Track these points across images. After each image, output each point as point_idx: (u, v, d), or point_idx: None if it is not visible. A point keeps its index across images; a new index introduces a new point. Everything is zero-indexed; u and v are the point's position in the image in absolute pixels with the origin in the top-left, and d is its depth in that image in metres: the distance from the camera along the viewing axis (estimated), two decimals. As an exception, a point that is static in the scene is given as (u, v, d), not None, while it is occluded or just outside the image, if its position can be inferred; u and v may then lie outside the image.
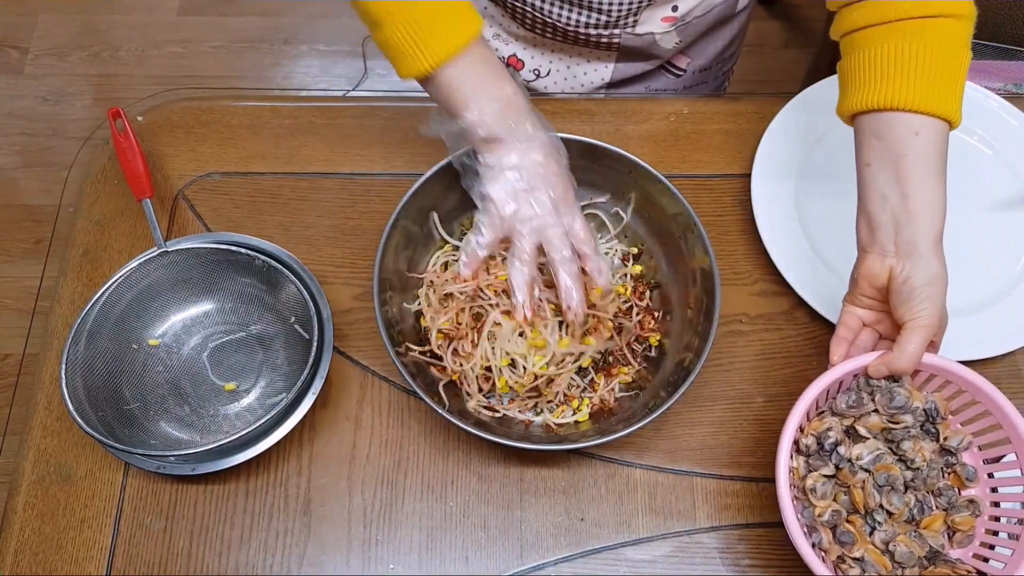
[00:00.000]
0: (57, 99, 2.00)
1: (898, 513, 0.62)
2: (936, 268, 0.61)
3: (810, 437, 0.65)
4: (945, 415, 0.65)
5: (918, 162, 0.60)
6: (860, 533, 0.62)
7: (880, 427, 0.64)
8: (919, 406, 0.65)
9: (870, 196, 0.63)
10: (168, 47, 2.09)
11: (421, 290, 0.77)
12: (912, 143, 0.61)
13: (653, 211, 0.77)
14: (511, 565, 0.70)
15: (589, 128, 0.89)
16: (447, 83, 0.66)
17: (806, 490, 0.63)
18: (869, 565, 0.60)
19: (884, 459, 0.63)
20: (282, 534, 0.71)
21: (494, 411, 0.72)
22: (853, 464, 0.63)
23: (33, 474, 0.73)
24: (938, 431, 0.65)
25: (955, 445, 0.64)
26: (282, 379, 0.75)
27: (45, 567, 0.69)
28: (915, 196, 0.60)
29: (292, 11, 2.14)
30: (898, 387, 0.64)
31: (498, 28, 0.95)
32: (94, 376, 0.70)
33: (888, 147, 0.61)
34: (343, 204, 0.85)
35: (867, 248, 0.64)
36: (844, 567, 0.61)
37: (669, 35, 0.89)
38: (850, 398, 0.65)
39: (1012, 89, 1.27)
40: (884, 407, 0.64)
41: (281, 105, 0.91)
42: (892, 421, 0.64)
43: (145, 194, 0.79)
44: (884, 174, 0.62)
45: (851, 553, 0.61)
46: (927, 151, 0.61)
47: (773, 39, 2.10)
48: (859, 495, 0.63)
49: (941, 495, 0.63)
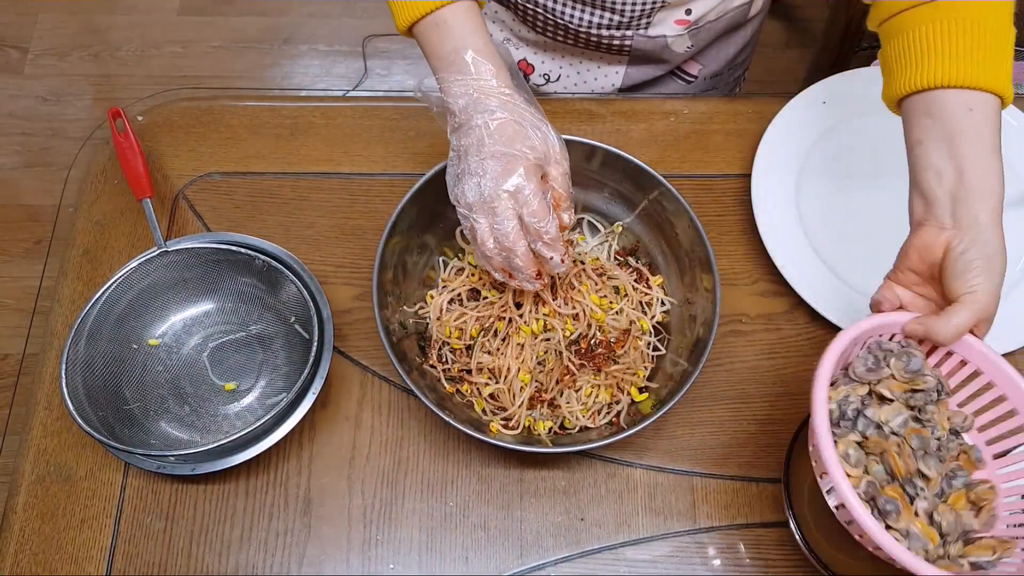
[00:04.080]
0: (57, 99, 2.00)
1: (933, 480, 0.57)
2: (996, 243, 0.58)
3: (833, 403, 0.60)
4: (950, 393, 0.62)
5: (974, 139, 0.58)
6: (902, 501, 0.56)
7: (903, 389, 0.60)
8: (930, 378, 0.60)
9: (924, 173, 0.60)
10: (168, 47, 2.09)
11: (434, 297, 0.77)
12: (967, 120, 0.59)
13: (654, 213, 0.78)
14: (511, 565, 0.70)
15: (590, 128, 0.89)
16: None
17: None
18: (915, 538, 0.55)
19: (911, 423, 0.59)
20: (282, 534, 0.71)
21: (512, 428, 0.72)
22: (883, 428, 0.58)
23: (33, 474, 0.73)
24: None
25: (959, 424, 0.61)
26: (282, 379, 0.75)
27: (45, 567, 0.69)
28: (972, 171, 0.58)
29: (292, 11, 2.14)
30: (913, 350, 0.60)
31: (508, 32, 0.94)
32: (94, 376, 0.70)
33: (941, 124, 0.59)
34: (343, 204, 0.85)
35: (922, 221, 0.61)
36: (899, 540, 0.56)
37: (682, 38, 0.88)
38: (868, 361, 0.60)
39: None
40: (900, 372, 0.60)
41: (281, 105, 0.91)
42: (913, 386, 0.60)
43: (145, 194, 0.79)
44: (938, 151, 0.59)
45: (896, 524, 0.55)
46: (982, 128, 0.59)
47: (773, 39, 2.10)
48: (897, 460, 0.57)
49: (955, 476, 0.59)
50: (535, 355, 0.72)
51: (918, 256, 0.61)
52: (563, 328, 0.73)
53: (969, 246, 0.58)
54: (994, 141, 0.59)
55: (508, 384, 0.72)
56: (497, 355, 0.73)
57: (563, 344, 0.72)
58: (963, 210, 0.58)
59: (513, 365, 0.72)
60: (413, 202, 0.73)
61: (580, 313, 0.74)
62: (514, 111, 0.62)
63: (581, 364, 0.72)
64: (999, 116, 0.60)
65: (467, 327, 0.74)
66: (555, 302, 0.73)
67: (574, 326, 0.73)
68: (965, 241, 0.58)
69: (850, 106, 0.89)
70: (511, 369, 0.72)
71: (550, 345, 0.73)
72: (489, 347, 0.74)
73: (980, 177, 0.58)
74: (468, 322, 0.74)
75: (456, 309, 0.76)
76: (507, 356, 0.72)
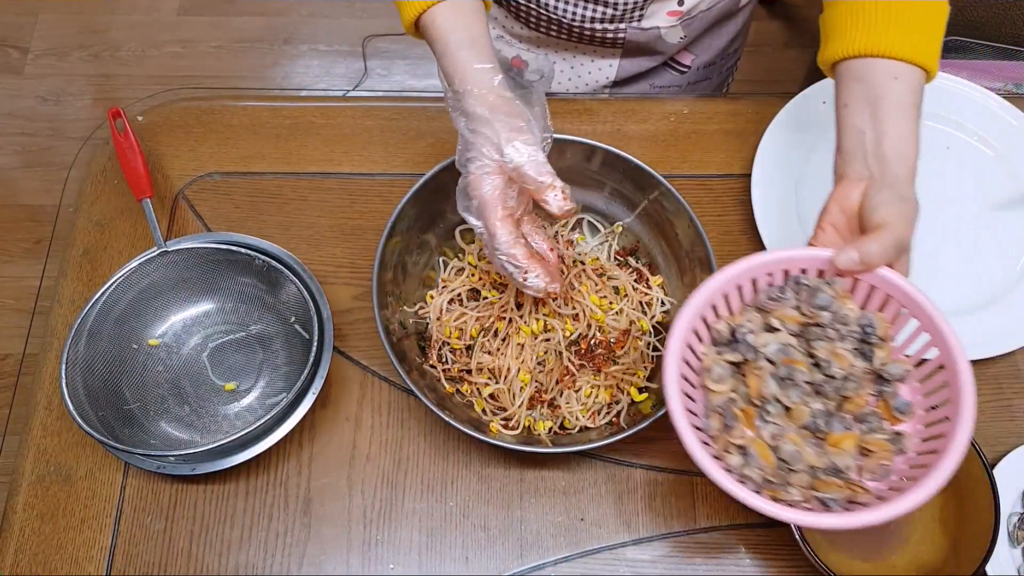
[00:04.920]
0: (57, 99, 2.00)
1: (795, 410, 0.57)
2: (910, 195, 0.60)
3: (723, 324, 0.60)
4: (886, 338, 0.60)
5: (896, 105, 0.61)
6: (749, 421, 0.57)
7: (796, 321, 0.60)
8: (849, 315, 0.59)
9: (847, 132, 0.63)
10: (168, 47, 2.09)
11: (434, 297, 0.77)
12: (891, 87, 0.62)
13: (654, 213, 0.78)
14: (511, 565, 0.70)
15: (590, 128, 0.89)
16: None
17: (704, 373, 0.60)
18: (753, 458, 0.56)
19: (792, 353, 0.58)
20: (282, 534, 0.71)
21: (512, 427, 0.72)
22: (757, 353, 0.59)
23: (33, 474, 0.73)
24: (873, 353, 0.59)
25: (893, 373, 0.59)
26: (282, 379, 0.75)
27: (45, 567, 0.69)
28: (891, 134, 0.61)
29: (292, 11, 2.14)
30: (825, 285, 0.60)
31: (501, 30, 0.95)
32: (94, 376, 0.70)
33: (867, 89, 0.63)
34: (343, 204, 0.85)
35: (843, 175, 0.63)
36: (727, 455, 0.57)
37: (674, 29, 0.89)
38: (773, 291, 0.61)
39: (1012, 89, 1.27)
40: (806, 303, 0.60)
41: (281, 105, 0.91)
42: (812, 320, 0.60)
43: (145, 194, 0.79)
44: (861, 114, 0.62)
45: (732, 438, 0.57)
46: (904, 96, 0.62)
47: (773, 39, 2.10)
48: (754, 382, 0.58)
49: (864, 422, 0.58)
50: (535, 355, 0.72)
51: (838, 208, 0.62)
52: (563, 328, 0.73)
53: (884, 189, 0.60)
54: (915, 111, 0.62)
55: (508, 384, 0.72)
56: (497, 355, 0.73)
57: (563, 344, 0.73)
58: (881, 166, 0.61)
59: (513, 365, 0.72)
60: (413, 202, 0.73)
61: (580, 313, 0.74)
62: (482, 107, 0.62)
63: (581, 364, 0.72)
64: (922, 88, 0.63)
65: (467, 327, 0.74)
66: (555, 302, 0.73)
67: (574, 326, 0.73)
68: (882, 187, 0.60)
69: (850, 106, 0.89)
70: (511, 369, 0.72)
71: (550, 345, 0.73)
72: (489, 347, 0.74)
73: (898, 139, 0.61)
74: (468, 322, 0.74)
75: (456, 309, 0.76)
76: (507, 356, 0.72)
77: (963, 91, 0.90)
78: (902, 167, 0.60)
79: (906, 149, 0.61)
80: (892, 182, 0.60)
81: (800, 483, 0.55)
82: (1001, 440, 0.75)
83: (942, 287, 0.81)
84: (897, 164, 0.60)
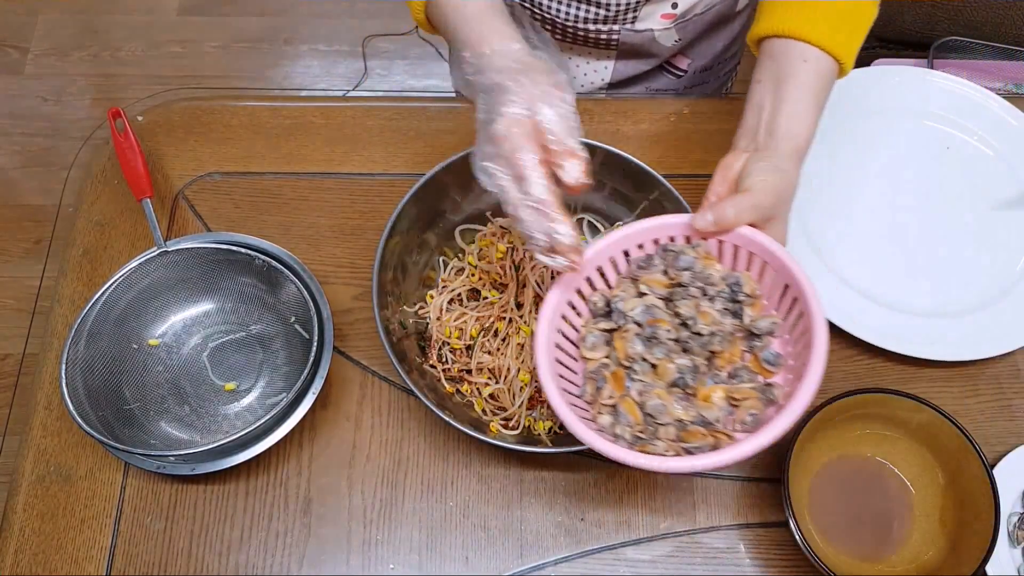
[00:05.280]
0: (57, 99, 2.00)
1: (661, 367, 0.59)
2: (787, 168, 0.61)
3: (599, 296, 0.63)
4: (753, 295, 0.61)
5: (798, 85, 0.63)
6: (618, 382, 0.60)
7: (663, 284, 0.62)
8: (713, 275, 0.61)
9: (749, 108, 0.65)
10: (168, 47, 2.09)
11: (434, 297, 0.77)
12: (798, 68, 0.63)
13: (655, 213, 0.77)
14: (511, 565, 0.70)
15: (589, 128, 0.89)
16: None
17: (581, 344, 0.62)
18: (622, 415, 0.58)
19: (657, 314, 0.60)
20: (282, 534, 0.71)
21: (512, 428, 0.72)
22: (626, 317, 0.61)
23: (33, 474, 0.73)
24: (743, 311, 0.61)
25: (761, 327, 0.60)
26: (282, 379, 0.75)
27: (45, 567, 0.69)
28: (786, 112, 0.62)
29: (292, 11, 2.14)
30: (689, 248, 0.62)
31: None
32: (94, 376, 0.70)
33: (777, 68, 0.64)
34: (343, 204, 0.85)
35: (733, 147, 0.65)
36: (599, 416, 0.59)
37: (668, 32, 0.88)
38: (643, 259, 0.63)
39: (1012, 89, 1.27)
40: (672, 267, 0.62)
41: (281, 105, 0.91)
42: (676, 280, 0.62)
43: (145, 194, 0.79)
44: (766, 90, 0.64)
45: (601, 398, 0.59)
46: (809, 78, 0.63)
47: (773, 39, 2.10)
48: (620, 344, 0.60)
49: (736, 376, 0.60)
50: (535, 355, 0.72)
51: (721, 178, 0.63)
52: None
53: (762, 160, 0.61)
54: (817, 96, 0.63)
55: (508, 384, 0.72)
56: (497, 355, 0.73)
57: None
58: (768, 140, 0.62)
59: (513, 365, 0.72)
60: (413, 202, 0.73)
61: None
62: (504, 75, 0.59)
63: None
64: (831, 77, 0.64)
65: (467, 327, 0.74)
66: None
67: None
68: (761, 158, 0.61)
69: (849, 106, 0.89)
70: (511, 369, 0.72)
71: (550, 345, 0.73)
72: (489, 347, 0.74)
73: (791, 117, 0.62)
74: (468, 322, 0.74)
75: (456, 309, 0.76)
76: (507, 356, 0.72)
77: (963, 91, 0.90)
78: (787, 143, 0.62)
79: (797, 128, 0.62)
80: (772, 155, 0.61)
81: (667, 436, 0.57)
82: (1001, 440, 0.75)
83: (943, 287, 0.81)
84: (784, 140, 0.62)
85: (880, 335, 0.76)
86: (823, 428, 0.70)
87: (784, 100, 0.63)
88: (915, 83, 0.91)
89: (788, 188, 0.61)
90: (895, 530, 0.71)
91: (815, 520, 0.71)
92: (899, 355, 0.76)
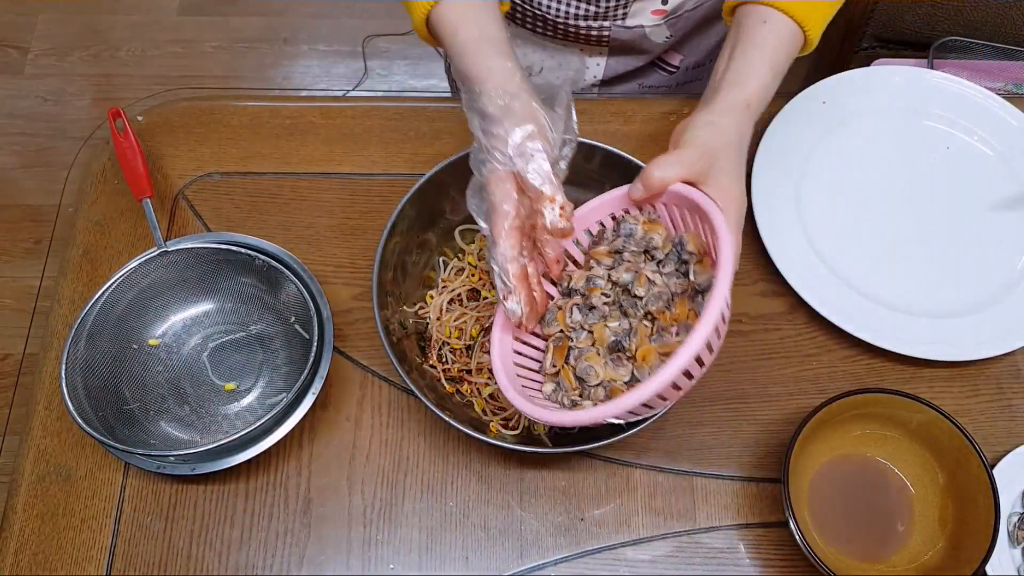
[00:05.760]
0: (57, 99, 2.00)
1: (597, 332, 0.61)
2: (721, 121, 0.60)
3: (566, 275, 0.65)
4: (698, 252, 0.61)
5: (753, 45, 0.63)
6: (559, 352, 0.63)
7: (606, 255, 0.64)
8: (656, 239, 0.62)
9: (712, 73, 0.66)
10: (168, 47, 2.09)
11: (434, 297, 0.77)
12: (756, 29, 0.64)
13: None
14: (511, 565, 0.70)
15: (587, 128, 0.89)
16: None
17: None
18: (561, 382, 0.62)
19: (597, 283, 0.63)
20: (282, 534, 0.71)
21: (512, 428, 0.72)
22: (572, 290, 0.64)
23: (33, 474, 0.73)
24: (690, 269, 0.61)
25: (700, 283, 0.60)
26: (282, 379, 0.75)
27: (45, 567, 0.69)
28: (736, 66, 0.63)
29: (292, 11, 2.14)
30: (631, 217, 0.63)
31: None
32: (94, 376, 0.70)
33: (740, 31, 0.65)
34: (343, 204, 0.85)
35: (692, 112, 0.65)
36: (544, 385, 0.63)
37: (659, 28, 0.89)
38: (597, 235, 0.65)
39: (1012, 89, 1.27)
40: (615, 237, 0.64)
41: (281, 105, 0.91)
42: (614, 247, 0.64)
43: (145, 194, 0.79)
44: (726, 51, 0.65)
45: (547, 370, 0.63)
46: (766, 38, 0.64)
47: (773, 39, 2.10)
48: (560, 315, 0.63)
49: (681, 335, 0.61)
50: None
51: (673, 143, 0.64)
52: None
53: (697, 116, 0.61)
54: (772, 55, 0.64)
55: None
56: None
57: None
58: (712, 95, 0.62)
59: (513, 365, 0.72)
60: (413, 202, 0.73)
61: None
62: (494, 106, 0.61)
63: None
64: (790, 41, 0.64)
65: (467, 327, 0.74)
66: None
67: None
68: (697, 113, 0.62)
69: (850, 106, 0.89)
70: None
71: (550, 345, 0.73)
72: (489, 347, 0.73)
73: (739, 71, 0.63)
74: (468, 322, 0.74)
75: (456, 309, 0.76)
76: None
77: (963, 91, 0.90)
78: (728, 97, 0.61)
79: (742, 78, 0.62)
80: (708, 110, 0.61)
81: (596, 397, 0.60)
82: (1001, 440, 0.75)
83: (942, 287, 0.81)
84: (727, 91, 0.62)
85: (880, 335, 0.76)
86: (823, 428, 0.70)
87: (736, 59, 0.63)
88: (915, 83, 0.91)
89: (719, 140, 0.60)
90: (895, 530, 0.71)
91: (815, 520, 0.71)
92: (899, 355, 0.76)
